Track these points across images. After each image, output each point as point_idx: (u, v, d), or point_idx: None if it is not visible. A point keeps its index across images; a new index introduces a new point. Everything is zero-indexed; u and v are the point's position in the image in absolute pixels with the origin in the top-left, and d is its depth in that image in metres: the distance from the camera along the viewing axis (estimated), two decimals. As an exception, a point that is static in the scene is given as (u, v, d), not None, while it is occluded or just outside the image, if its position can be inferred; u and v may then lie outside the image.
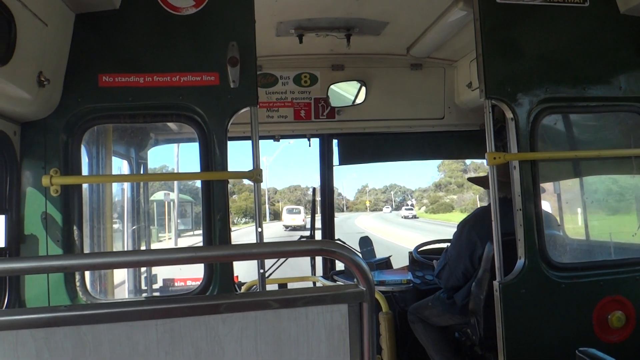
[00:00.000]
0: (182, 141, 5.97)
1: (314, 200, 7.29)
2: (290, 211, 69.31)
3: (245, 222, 79.89)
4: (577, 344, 2.80)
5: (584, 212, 4.90)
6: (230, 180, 4.05)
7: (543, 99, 4.05)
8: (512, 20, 4.04)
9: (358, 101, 6.35)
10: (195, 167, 3.87)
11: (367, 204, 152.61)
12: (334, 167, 6.69)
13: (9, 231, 3.52)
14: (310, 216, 7.29)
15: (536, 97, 4.04)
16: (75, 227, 3.72)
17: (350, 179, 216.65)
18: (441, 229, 49.61)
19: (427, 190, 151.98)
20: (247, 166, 3.75)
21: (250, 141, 3.77)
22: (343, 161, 6.65)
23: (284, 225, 63.87)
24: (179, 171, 9.79)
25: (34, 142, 3.64)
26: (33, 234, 3.61)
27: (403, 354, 5.46)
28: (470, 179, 5.46)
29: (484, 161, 4.03)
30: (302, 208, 72.68)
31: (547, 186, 4.89)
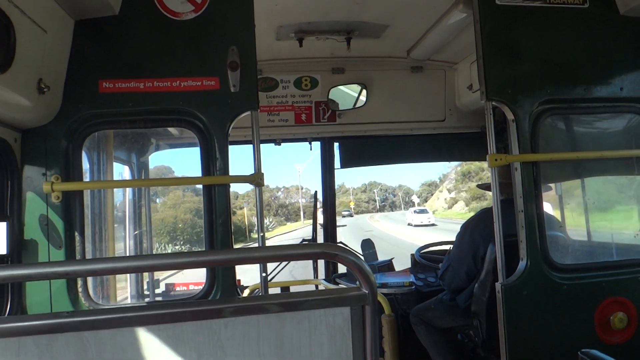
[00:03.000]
0: (183, 146, 5.97)
1: (315, 204, 7.28)
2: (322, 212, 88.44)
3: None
4: (579, 345, 2.79)
5: (585, 213, 4.90)
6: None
7: (544, 101, 4.05)
8: (512, 21, 4.04)
9: (359, 104, 6.36)
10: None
11: (352, 205, 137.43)
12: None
13: (11, 238, 3.52)
14: (314, 219, 7.25)
15: (537, 98, 4.04)
16: (76, 233, 3.72)
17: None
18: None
19: (433, 185, 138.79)
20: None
21: (251, 145, 3.78)
22: (344, 164, 6.66)
23: (319, 224, 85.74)
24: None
25: (34, 149, 3.64)
26: (34, 240, 3.61)
27: (405, 356, 5.45)
28: (480, 187, 5.43)
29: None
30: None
31: (549, 187, 4.88)
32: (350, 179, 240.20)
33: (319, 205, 7.13)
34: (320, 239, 6.96)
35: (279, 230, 79.61)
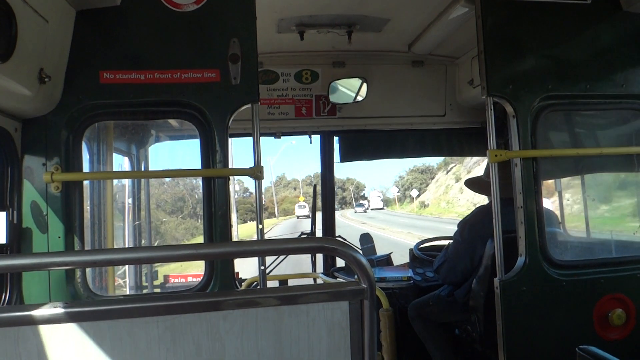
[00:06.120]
0: (183, 138, 5.96)
1: (314, 198, 7.28)
2: (300, 207, 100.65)
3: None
4: (578, 342, 2.80)
5: (585, 210, 4.90)
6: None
7: (545, 97, 4.05)
8: (514, 17, 4.04)
9: (359, 98, 6.33)
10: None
11: (302, 200, 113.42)
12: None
13: (10, 228, 3.52)
14: (312, 213, 7.24)
15: (538, 94, 4.03)
16: (76, 224, 3.72)
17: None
18: None
19: (428, 171, 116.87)
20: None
21: (251, 138, 3.78)
22: (344, 158, 6.65)
23: (297, 216, 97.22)
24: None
25: (35, 139, 3.64)
26: (34, 230, 3.62)
27: (403, 350, 5.47)
28: (467, 183, 5.40)
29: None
30: (307, 204, 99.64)
31: (548, 183, 4.89)
32: (293, 170, 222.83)
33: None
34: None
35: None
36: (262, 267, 3.67)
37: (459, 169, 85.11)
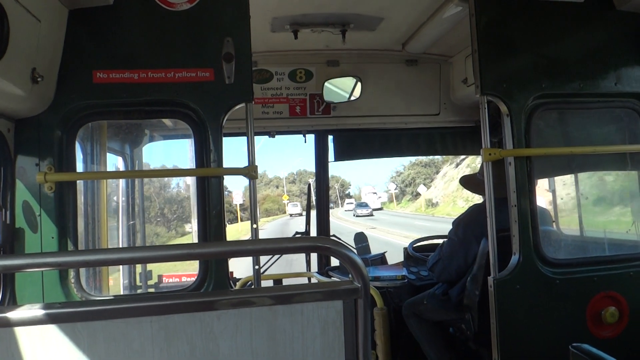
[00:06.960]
0: (177, 137, 5.95)
1: (309, 197, 7.27)
2: (293, 205, 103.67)
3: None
4: (571, 340, 2.81)
5: (578, 208, 4.92)
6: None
7: (538, 95, 4.06)
8: (508, 16, 4.05)
9: (353, 97, 6.34)
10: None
11: (286, 199, 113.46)
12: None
13: (3, 228, 3.51)
14: (307, 212, 7.24)
15: (531, 93, 4.04)
16: (69, 224, 3.71)
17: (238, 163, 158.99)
18: None
19: (433, 165, 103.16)
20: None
21: (245, 137, 3.77)
22: (338, 157, 6.65)
23: (290, 214, 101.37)
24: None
25: (28, 139, 3.62)
26: (26, 231, 3.60)
27: (397, 349, 5.48)
28: (462, 181, 5.41)
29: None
30: (299, 203, 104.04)
31: (542, 182, 4.89)
32: (275, 166, 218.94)
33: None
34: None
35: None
36: (257, 267, 3.67)
37: (473, 161, 65.71)
